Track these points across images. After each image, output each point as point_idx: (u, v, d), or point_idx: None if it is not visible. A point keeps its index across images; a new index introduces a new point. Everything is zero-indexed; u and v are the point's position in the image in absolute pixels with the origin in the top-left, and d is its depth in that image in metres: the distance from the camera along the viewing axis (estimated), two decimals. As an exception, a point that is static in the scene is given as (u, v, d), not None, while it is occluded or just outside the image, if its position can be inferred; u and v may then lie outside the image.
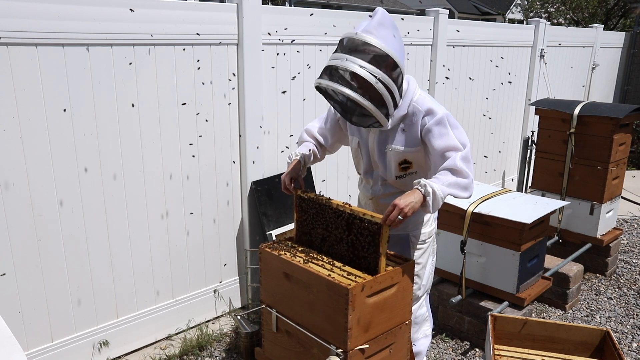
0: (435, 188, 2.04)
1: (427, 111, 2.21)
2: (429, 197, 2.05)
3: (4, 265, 2.54)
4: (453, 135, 2.19)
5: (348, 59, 1.99)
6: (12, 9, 2.35)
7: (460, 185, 2.12)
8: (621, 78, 8.54)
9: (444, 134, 2.18)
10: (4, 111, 2.41)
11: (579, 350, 2.54)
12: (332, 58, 2.05)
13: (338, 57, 2.03)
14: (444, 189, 2.07)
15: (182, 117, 3.06)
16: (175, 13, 2.90)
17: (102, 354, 2.99)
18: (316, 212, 2.32)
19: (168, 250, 3.17)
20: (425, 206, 2.07)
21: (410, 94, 2.22)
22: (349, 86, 2.00)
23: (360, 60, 1.98)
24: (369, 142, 2.35)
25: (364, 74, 1.97)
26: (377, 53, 2.00)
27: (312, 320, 2.17)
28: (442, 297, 3.41)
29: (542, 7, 15.17)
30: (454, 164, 2.13)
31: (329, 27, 3.67)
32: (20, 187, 2.53)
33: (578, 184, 4.13)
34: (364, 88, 2.00)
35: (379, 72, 1.99)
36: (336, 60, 2.02)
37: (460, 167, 2.12)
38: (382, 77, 2.00)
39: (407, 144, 2.25)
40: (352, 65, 1.97)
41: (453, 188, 2.11)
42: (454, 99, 4.95)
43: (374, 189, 2.44)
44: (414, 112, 2.22)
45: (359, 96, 1.98)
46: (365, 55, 1.99)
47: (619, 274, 4.34)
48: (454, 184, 2.11)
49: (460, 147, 2.16)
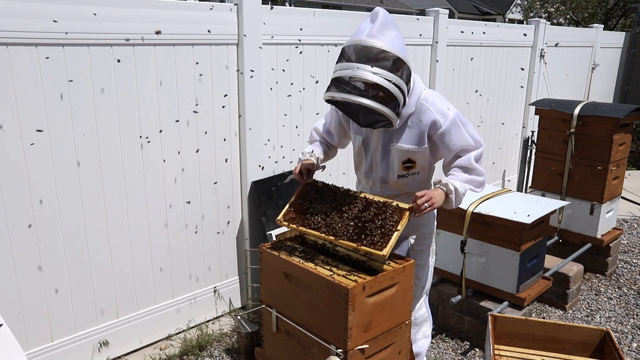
0: (456, 185, 2.15)
1: (439, 112, 2.21)
2: (452, 194, 2.15)
3: (4, 265, 2.54)
4: (467, 134, 2.24)
5: (359, 68, 1.97)
6: (12, 9, 2.35)
7: (476, 182, 2.24)
8: (621, 78, 8.54)
9: (459, 134, 2.23)
10: (4, 111, 2.41)
11: (579, 350, 2.53)
12: (341, 68, 2.03)
13: (347, 66, 2.00)
14: (464, 185, 2.18)
15: (182, 117, 3.06)
16: (175, 13, 2.90)
17: (102, 354, 2.99)
18: (321, 197, 2.33)
19: (168, 250, 3.17)
20: (448, 203, 2.17)
21: (417, 91, 2.22)
22: (362, 94, 1.99)
23: (371, 67, 1.97)
24: (373, 141, 2.34)
25: (378, 81, 1.97)
26: (386, 56, 1.99)
27: (312, 320, 2.17)
28: (442, 297, 3.41)
29: (542, 7, 15.18)
30: (469, 163, 2.22)
31: (330, 28, 3.67)
32: (21, 187, 2.53)
33: (578, 184, 4.13)
34: (378, 93, 2.00)
35: (392, 76, 2.00)
36: (347, 70, 2.00)
37: (475, 165, 2.22)
38: (395, 80, 2.01)
39: (413, 142, 2.25)
40: (365, 73, 1.97)
41: (470, 184, 2.22)
42: (453, 98, 4.95)
43: (372, 191, 2.43)
44: (422, 110, 2.22)
45: (376, 104, 1.99)
46: (374, 60, 1.99)
47: (619, 274, 4.34)
48: (471, 180, 2.22)
49: (474, 146, 2.24)
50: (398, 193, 2.35)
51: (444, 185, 2.15)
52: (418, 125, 2.23)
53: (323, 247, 2.44)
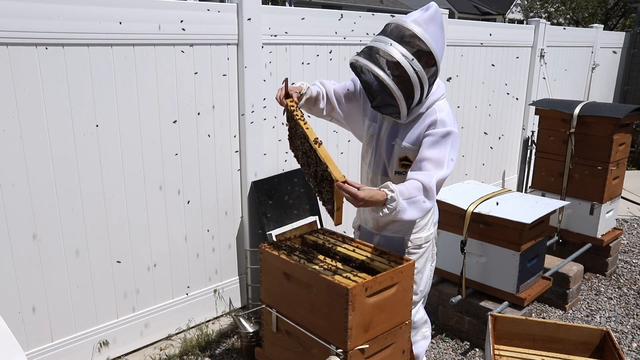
0: (399, 202, 2.00)
1: (440, 119, 2.19)
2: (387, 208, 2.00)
3: (4, 265, 2.54)
4: (447, 153, 2.15)
5: (393, 45, 2.00)
6: (12, 9, 2.35)
7: (421, 207, 2.07)
8: (621, 78, 8.54)
9: (441, 147, 2.15)
10: (4, 111, 2.41)
11: (579, 350, 2.54)
12: (375, 40, 2.06)
13: (383, 40, 2.03)
14: (404, 206, 2.02)
15: (182, 117, 3.06)
16: (175, 13, 2.90)
17: (102, 354, 2.99)
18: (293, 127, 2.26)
19: (168, 250, 3.17)
20: (377, 212, 2.02)
21: (435, 96, 2.21)
22: (384, 70, 2.01)
23: (403, 49, 1.99)
24: (382, 132, 2.34)
25: (404, 64, 1.99)
26: (422, 47, 2.01)
27: (312, 320, 2.17)
28: (442, 297, 3.41)
29: (542, 7, 15.19)
30: (429, 182, 2.08)
31: (331, 28, 3.66)
32: (20, 187, 2.53)
33: (578, 184, 4.13)
34: (400, 77, 2.02)
35: (419, 66, 2.01)
36: (380, 43, 2.03)
37: (432, 186, 2.08)
38: (420, 71, 2.02)
39: (411, 141, 2.24)
40: (396, 52, 1.99)
41: (412, 208, 2.05)
42: (453, 98, 4.95)
43: (374, 182, 2.42)
44: (429, 114, 2.21)
45: (392, 82, 2.00)
46: (409, 46, 2.01)
47: (619, 274, 4.34)
48: (418, 202, 2.06)
49: (444, 167, 2.13)
50: None
51: (391, 190, 2.00)
52: (420, 126, 2.22)
53: (323, 247, 2.44)
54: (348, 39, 3.79)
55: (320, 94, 2.40)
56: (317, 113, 2.47)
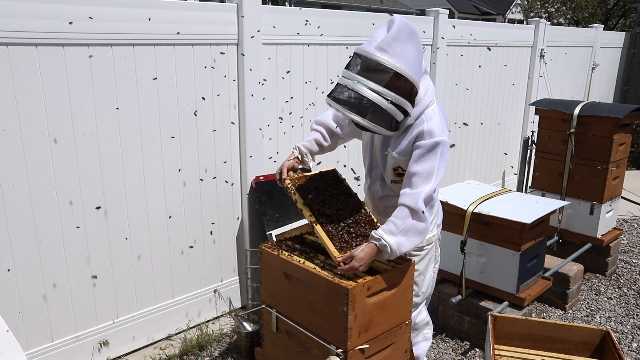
0: (390, 243, 2.03)
1: (428, 129, 2.15)
2: (384, 251, 2.06)
3: (4, 265, 2.54)
4: (435, 165, 2.13)
5: (360, 82, 1.99)
6: (12, 9, 2.35)
7: (417, 230, 2.09)
8: (621, 78, 8.54)
9: (429, 159, 2.13)
10: (4, 111, 2.41)
11: (579, 350, 2.54)
12: (344, 75, 2.05)
13: (350, 77, 2.02)
14: (399, 241, 2.05)
15: (182, 117, 3.06)
16: (175, 13, 2.90)
17: (102, 354, 2.99)
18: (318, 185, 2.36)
19: (168, 250, 3.17)
20: (381, 258, 2.11)
21: (423, 104, 2.17)
22: (357, 109, 2.02)
23: (372, 82, 1.98)
24: (375, 141, 2.35)
25: (375, 99, 1.98)
26: (390, 73, 1.98)
27: (312, 320, 2.17)
28: (442, 297, 3.41)
29: (542, 7, 15.18)
30: (415, 204, 2.07)
31: (331, 28, 3.66)
32: (20, 187, 2.53)
33: (578, 184, 4.13)
34: (374, 108, 2.00)
35: (391, 95, 1.99)
36: (348, 80, 2.02)
37: (420, 207, 2.07)
38: (395, 98, 2.00)
39: (402, 152, 2.21)
40: (364, 90, 1.98)
41: (409, 236, 2.07)
42: (453, 98, 4.95)
43: (373, 188, 2.43)
44: (417, 124, 2.17)
45: (366, 122, 2.02)
46: (378, 75, 1.98)
47: (619, 274, 4.34)
48: (412, 228, 2.07)
49: (432, 180, 2.11)
50: (395, 194, 2.34)
51: (377, 240, 2.05)
52: (409, 136, 2.19)
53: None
54: (348, 39, 3.80)
55: (319, 139, 2.42)
56: (330, 150, 2.51)
